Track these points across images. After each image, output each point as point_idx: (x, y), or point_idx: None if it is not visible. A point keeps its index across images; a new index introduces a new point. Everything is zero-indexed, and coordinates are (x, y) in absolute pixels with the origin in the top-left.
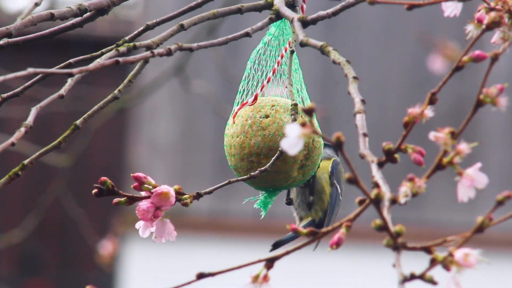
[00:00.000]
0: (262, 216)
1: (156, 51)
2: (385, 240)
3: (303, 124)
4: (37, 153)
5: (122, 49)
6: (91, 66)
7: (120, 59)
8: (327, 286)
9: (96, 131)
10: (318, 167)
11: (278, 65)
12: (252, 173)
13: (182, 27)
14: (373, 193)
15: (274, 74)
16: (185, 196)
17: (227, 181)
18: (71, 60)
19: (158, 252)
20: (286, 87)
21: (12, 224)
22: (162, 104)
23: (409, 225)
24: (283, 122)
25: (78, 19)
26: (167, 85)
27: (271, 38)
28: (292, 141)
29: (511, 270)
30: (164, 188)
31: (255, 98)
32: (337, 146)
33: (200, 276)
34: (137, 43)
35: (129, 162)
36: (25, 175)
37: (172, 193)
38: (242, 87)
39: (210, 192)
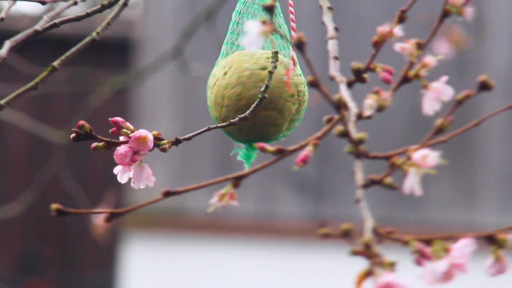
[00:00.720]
0: (246, 168)
1: None
2: (347, 147)
3: (263, 22)
4: (14, 93)
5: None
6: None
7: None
8: (326, 286)
9: (95, 110)
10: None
11: (293, 22)
12: (232, 120)
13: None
14: (334, 97)
15: (295, 31)
16: (163, 141)
17: (206, 128)
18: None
19: (158, 252)
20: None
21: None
22: (162, 104)
23: (409, 225)
24: (280, 75)
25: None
26: (167, 86)
27: None
28: (252, 37)
29: (511, 270)
30: (142, 132)
31: (294, 62)
32: (298, 48)
33: (167, 194)
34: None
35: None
36: (26, 151)
37: (150, 137)
38: (228, 38)
39: (189, 139)
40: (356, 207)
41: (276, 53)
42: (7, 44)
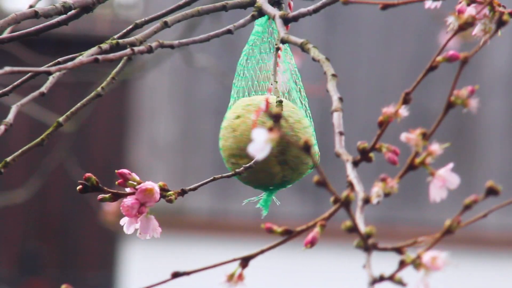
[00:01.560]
0: (263, 215)
1: (136, 48)
2: (356, 242)
3: (270, 129)
4: (20, 151)
5: (104, 46)
6: (70, 64)
7: (100, 56)
8: (326, 286)
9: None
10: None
11: (277, 67)
12: (237, 170)
13: (166, 24)
14: (343, 194)
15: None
16: (169, 192)
17: (211, 178)
18: (59, 59)
19: (158, 252)
20: (271, 84)
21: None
22: (162, 104)
23: (409, 225)
24: (251, 121)
25: (63, 16)
26: (167, 85)
27: (257, 38)
28: (259, 145)
29: (511, 270)
30: (148, 184)
31: (267, 104)
32: (305, 150)
33: (175, 275)
34: (120, 41)
35: (129, 162)
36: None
37: (157, 189)
38: (236, 84)
39: (195, 189)
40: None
41: (280, 102)
42: (14, 110)
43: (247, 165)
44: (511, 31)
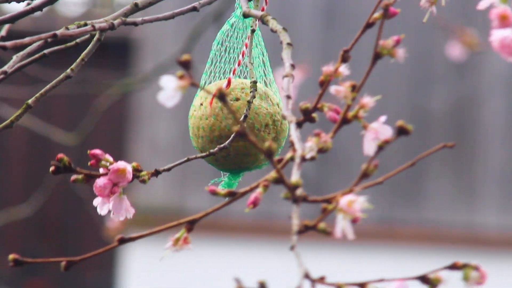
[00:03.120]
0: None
1: (97, 25)
2: (283, 194)
3: (180, 76)
4: None
5: (72, 27)
6: (27, 39)
7: (59, 32)
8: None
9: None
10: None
11: (246, 47)
12: (211, 150)
13: (136, 6)
14: (265, 145)
15: (243, 57)
16: (142, 173)
17: (185, 158)
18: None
19: (158, 253)
20: (247, 66)
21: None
22: (161, 105)
23: (409, 225)
24: (254, 105)
25: (37, 2)
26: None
27: (237, 20)
28: (169, 93)
29: (511, 270)
30: (120, 164)
31: (229, 83)
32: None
33: (121, 240)
34: (88, 21)
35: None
36: (27, 154)
37: (129, 169)
38: (207, 69)
39: (168, 170)
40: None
41: (254, 82)
42: (14, 59)
43: (230, 139)
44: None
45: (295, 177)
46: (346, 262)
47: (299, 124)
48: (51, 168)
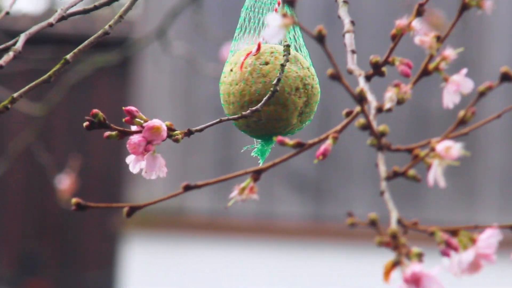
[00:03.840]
0: (260, 163)
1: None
2: (369, 140)
3: (284, 15)
4: (27, 87)
5: None
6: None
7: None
8: (326, 286)
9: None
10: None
11: (276, 11)
12: (244, 113)
13: None
14: (357, 91)
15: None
16: (176, 132)
17: (218, 120)
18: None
19: (158, 252)
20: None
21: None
22: (162, 104)
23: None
24: (285, 70)
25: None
26: (167, 84)
27: None
28: (273, 30)
29: (511, 270)
30: (156, 121)
31: (259, 48)
32: (319, 40)
33: (187, 187)
34: None
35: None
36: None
37: (164, 127)
38: (237, 34)
39: (201, 130)
40: (356, 207)
41: (288, 46)
42: (22, 37)
43: (263, 102)
44: (510, 30)
45: (374, 126)
46: (346, 262)
47: (368, 78)
48: (85, 124)
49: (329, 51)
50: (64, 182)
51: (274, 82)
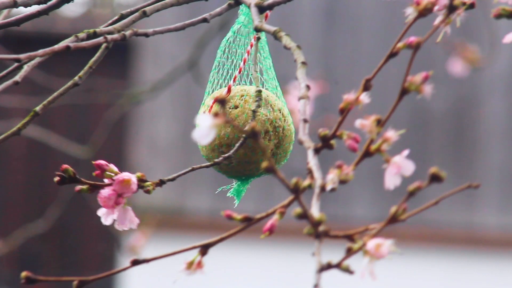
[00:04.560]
0: (236, 205)
1: (109, 36)
2: (306, 229)
3: (215, 114)
4: None
5: (81, 35)
6: (40, 52)
7: (71, 44)
8: (326, 286)
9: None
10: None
11: (248, 55)
12: (216, 160)
13: (144, 14)
14: (292, 181)
15: (245, 64)
16: (147, 183)
17: (190, 168)
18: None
19: (158, 253)
20: (251, 74)
21: (14, 216)
22: (162, 104)
23: (409, 226)
24: (251, 114)
25: (43, 6)
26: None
27: (240, 27)
28: (204, 131)
29: (511, 270)
30: (125, 175)
31: (229, 90)
32: (252, 137)
33: (135, 262)
34: (97, 29)
35: (129, 162)
36: (27, 170)
37: (134, 180)
38: (212, 77)
39: (173, 179)
40: (355, 207)
41: (259, 91)
42: (26, 69)
43: (234, 149)
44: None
45: (315, 210)
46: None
47: (317, 151)
48: (56, 179)
49: (262, 145)
50: (138, 238)
51: (246, 128)
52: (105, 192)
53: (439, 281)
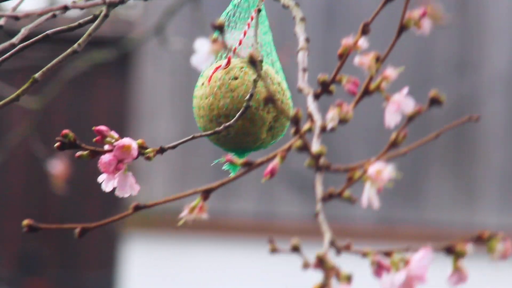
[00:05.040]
0: (231, 176)
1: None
2: (306, 161)
3: (214, 40)
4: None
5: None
6: (39, 10)
7: (69, 5)
8: None
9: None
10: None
11: (248, 27)
12: (217, 129)
13: None
14: (292, 113)
15: (245, 37)
16: (148, 150)
17: (191, 136)
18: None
19: (158, 252)
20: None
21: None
22: (162, 104)
23: (410, 226)
24: (250, 83)
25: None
26: (167, 85)
27: (240, 0)
28: (202, 56)
29: (511, 270)
30: (125, 141)
31: (228, 62)
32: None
33: (136, 208)
34: None
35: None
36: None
37: (134, 145)
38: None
39: (173, 147)
40: (355, 208)
41: (260, 62)
42: (23, 31)
43: (235, 118)
44: (510, 30)
45: (315, 146)
46: (346, 262)
47: (316, 96)
48: (56, 144)
49: (260, 73)
50: (57, 167)
51: (247, 97)
52: (105, 157)
53: (439, 281)
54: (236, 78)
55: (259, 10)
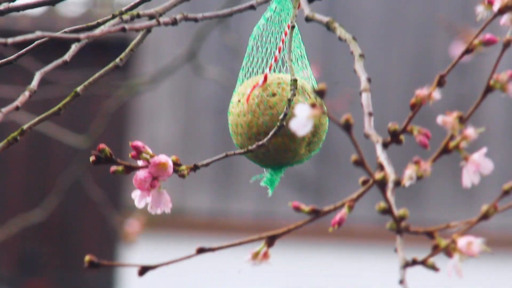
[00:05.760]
0: (270, 194)
1: (161, 19)
2: (389, 224)
3: (313, 105)
4: (37, 119)
5: (125, 17)
6: (98, 31)
7: (126, 26)
8: (326, 286)
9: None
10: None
11: (282, 43)
12: (250, 147)
13: None
14: (377, 174)
15: (280, 53)
16: (182, 167)
17: (224, 154)
18: (77, 27)
19: (158, 252)
20: (285, 62)
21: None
22: (162, 104)
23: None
24: (286, 99)
25: None
26: (167, 86)
27: (272, 14)
28: (302, 122)
29: (511, 270)
30: (162, 158)
31: (265, 79)
32: (345, 129)
33: (200, 250)
34: (140, 12)
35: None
36: (26, 157)
37: (170, 163)
38: (245, 64)
39: (207, 165)
40: (356, 207)
41: (295, 80)
42: (38, 76)
43: (268, 136)
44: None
45: (391, 200)
46: (346, 262)
47: (385, 145)
48: (92, 158)
49: (355, 140)
50: (132, 224)
51: (281, 116)
52: (141, 174)
53: (439, 281)
54: (274, 95)
55: (292, 27)
